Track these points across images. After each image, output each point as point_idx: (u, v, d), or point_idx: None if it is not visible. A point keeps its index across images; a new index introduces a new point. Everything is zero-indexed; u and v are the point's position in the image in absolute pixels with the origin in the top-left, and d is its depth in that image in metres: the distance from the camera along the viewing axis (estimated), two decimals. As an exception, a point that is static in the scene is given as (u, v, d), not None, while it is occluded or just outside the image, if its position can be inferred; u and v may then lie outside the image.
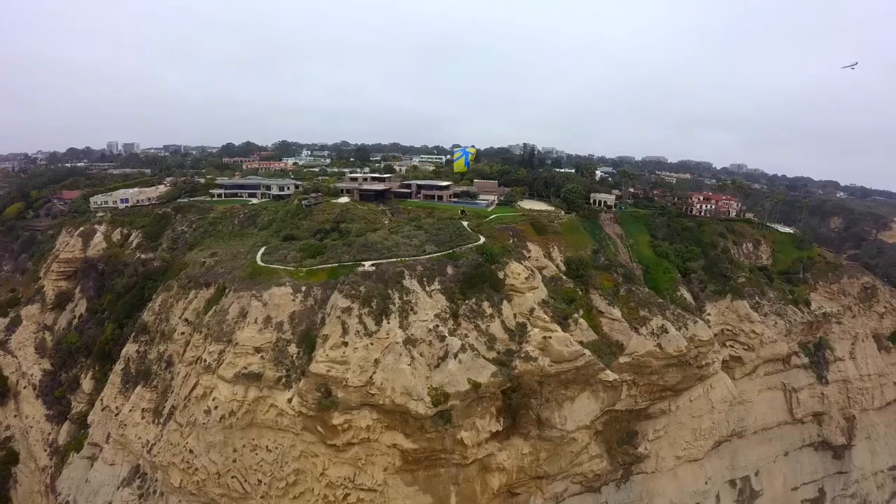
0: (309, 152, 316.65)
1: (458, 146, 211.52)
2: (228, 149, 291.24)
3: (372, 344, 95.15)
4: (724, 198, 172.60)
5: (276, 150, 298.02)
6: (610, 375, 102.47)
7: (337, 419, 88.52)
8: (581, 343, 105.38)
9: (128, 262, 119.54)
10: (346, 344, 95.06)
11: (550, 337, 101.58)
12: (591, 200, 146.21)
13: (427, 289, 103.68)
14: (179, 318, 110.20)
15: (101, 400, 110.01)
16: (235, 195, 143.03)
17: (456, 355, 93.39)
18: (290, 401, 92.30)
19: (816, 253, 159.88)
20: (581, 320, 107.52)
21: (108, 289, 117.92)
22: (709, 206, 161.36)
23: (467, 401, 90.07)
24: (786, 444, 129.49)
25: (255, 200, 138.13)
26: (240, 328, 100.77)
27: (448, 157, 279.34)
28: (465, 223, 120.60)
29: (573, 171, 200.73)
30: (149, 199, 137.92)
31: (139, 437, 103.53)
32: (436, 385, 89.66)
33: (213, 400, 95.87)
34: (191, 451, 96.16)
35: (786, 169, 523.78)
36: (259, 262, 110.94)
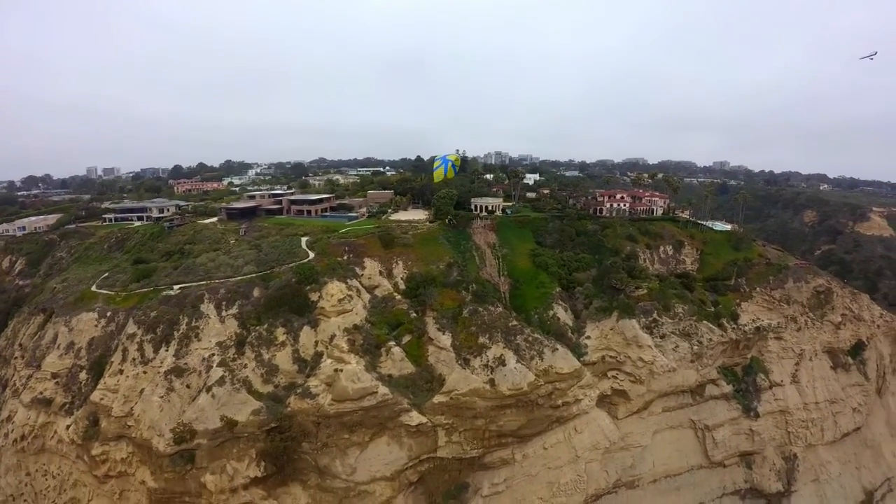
0: (256, 171, 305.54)
1: (436, 157, 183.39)
2: (177, 170, 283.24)
3: (145, 373, 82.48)
4: (646, 194, 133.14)
5: (221, 171, 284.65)
6: (414, 419, 78.83)
7: (96, 449, 78.85)
8: (390, 377, 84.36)
9: (6, 289, 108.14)
10: (121, 372, 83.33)
11: (341, 370, 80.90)
12: (473, 206, 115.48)
13: (222, 313, 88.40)
14: (19, 343, 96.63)
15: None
16: (125, 218, 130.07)
17: (210, 389, 76.65)
18: (68, 428, 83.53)
19: (757, 253, 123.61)
20: (395, 350, 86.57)
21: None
22: (619, 206, 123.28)
23: (218, 440, 73.58)
24: (700, 493, 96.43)
25: (138, 223, 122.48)
26: (48, 353, 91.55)
27: (383, 169, 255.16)
28: (303, 239, 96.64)
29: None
30: (47, 225, 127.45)
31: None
32: (186, 420, 74.02)
33: (12, 423, 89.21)
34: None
35: (773, 166, 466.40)
36: (92, 288, 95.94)
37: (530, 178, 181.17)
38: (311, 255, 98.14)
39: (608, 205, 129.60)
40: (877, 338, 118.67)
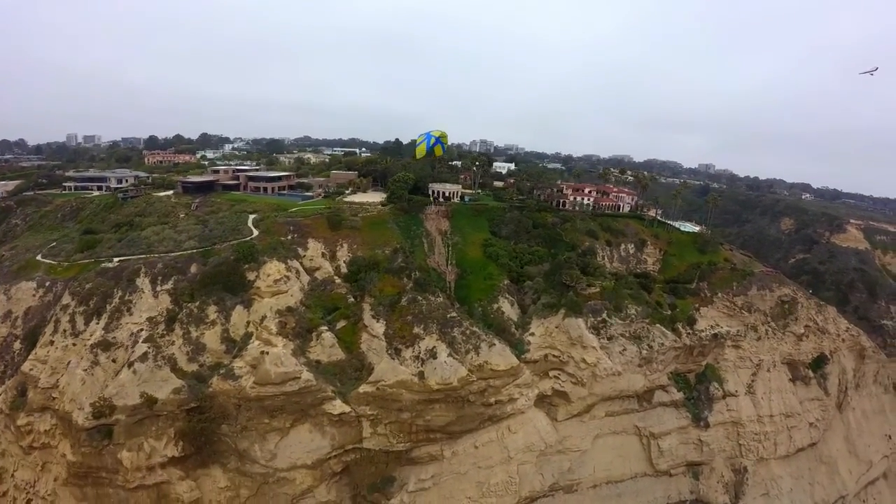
0: (232, 146, 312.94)
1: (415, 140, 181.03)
2: (153, 141, 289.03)
3: (74, 345, 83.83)
4: (614, 190, 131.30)
5: (196, 144, 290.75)
6: (337, 407, 79.06)
7: (21, 420, 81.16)
8: (318, 363, 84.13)
9: None
10: (52, 343, 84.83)
11: (267, 353, 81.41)
12: (431, 191, 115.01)
13: (157, 288, 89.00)
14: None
15: None
16: (85, 188, 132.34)
17: (132, 364, 77.39)
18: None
19: (722, 257, 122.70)
20: (326, 335, 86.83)
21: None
22: (583, 200, 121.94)
23: (136, 417, 74.65)
24: (643, 501, 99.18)
25: (97, 193, 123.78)
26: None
27: (358, 150, 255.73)
28: (251, 217, 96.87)
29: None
30: (6, 192, 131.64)
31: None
32: (106, 395, 74.83)
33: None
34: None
35: (759, 172, 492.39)
36: (37, 257, 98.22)
37: (503, 167, 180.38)
38: (256, 233, 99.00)
39: (572, 198, 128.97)
40: (841, 352, 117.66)
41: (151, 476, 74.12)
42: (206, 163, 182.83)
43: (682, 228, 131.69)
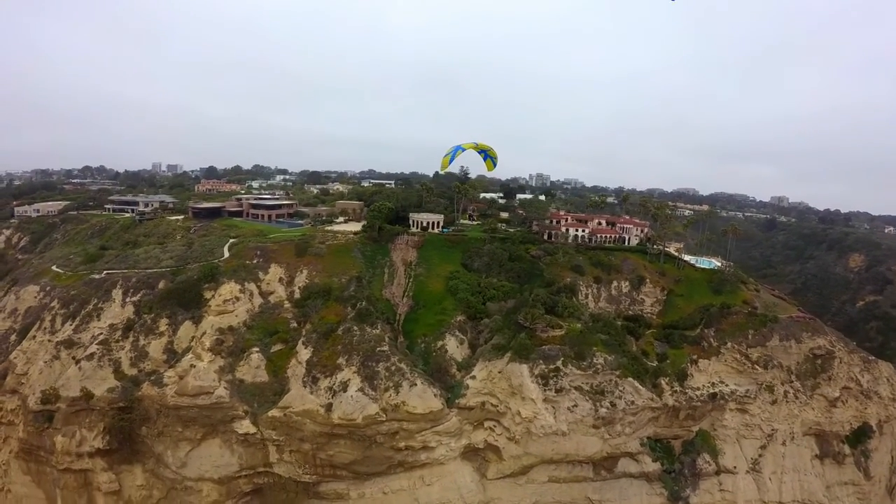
0: (283, 177, 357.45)
1: (483, 176, 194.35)
2: (211, 171, 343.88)
3: (49, 341, 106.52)
4: (621, 220, 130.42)
5: (248, 175, 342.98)
6: (243, 427, 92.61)
7: None
8: (241, 382, 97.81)
9: (7, 260, 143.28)
10: (34, 338, 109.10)
11: (194, 366, 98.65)
12: (411, 221, 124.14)
13: (126, 299, 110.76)
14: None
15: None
16: (121, 209, 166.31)
17: (79, 361, 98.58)
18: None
19: (741, 299, 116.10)
20: (254, 356, 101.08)
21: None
22: (575, 231, 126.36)
23: (75, 408, 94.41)
24: None
25: (129, 214, 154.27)
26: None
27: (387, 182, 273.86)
28: (231, 241, 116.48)
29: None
30: (57, 210, 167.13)
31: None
32: (56, 385, 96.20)
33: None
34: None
35: (841, 204, 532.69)
36: (53, 267, 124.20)
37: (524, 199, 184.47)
38: (227, 255, 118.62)
39: (564, 229, 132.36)
40: (893, 422, 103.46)
41: (79, 462, 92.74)
42: (243, 191, 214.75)
43: (698, 264, 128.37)
